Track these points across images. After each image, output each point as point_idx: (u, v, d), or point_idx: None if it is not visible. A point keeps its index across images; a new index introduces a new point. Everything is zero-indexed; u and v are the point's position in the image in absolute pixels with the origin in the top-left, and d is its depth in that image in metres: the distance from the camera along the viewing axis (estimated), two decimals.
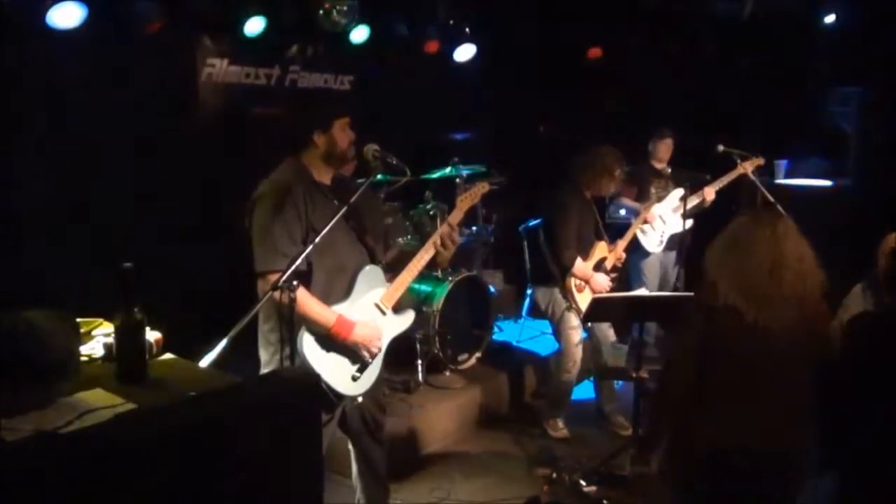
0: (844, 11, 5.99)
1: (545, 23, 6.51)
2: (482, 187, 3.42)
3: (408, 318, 3.15)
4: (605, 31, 6.59)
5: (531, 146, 7.25)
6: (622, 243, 4.80)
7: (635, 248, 5.52)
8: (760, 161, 5.31)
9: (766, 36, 6.21)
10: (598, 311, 4.04)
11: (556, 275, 4.55)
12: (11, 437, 1.69)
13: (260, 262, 2.79)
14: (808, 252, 2.51)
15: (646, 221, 5.37)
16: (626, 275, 5.39)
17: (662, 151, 5.80)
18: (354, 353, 2.91)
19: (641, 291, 4.81)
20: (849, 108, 6.41)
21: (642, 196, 5.64)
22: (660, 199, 5.63)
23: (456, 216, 3.24)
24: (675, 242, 5.68)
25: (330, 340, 2.83)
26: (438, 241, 3.12)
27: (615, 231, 5.11)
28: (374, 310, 3.00)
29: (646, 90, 6.66)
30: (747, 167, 5.17)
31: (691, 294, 4.22)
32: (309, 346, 2.80)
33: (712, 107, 6.26)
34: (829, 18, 6.03)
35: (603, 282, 4.57)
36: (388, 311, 3.05)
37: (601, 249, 4.69)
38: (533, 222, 5.66)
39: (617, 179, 4.61)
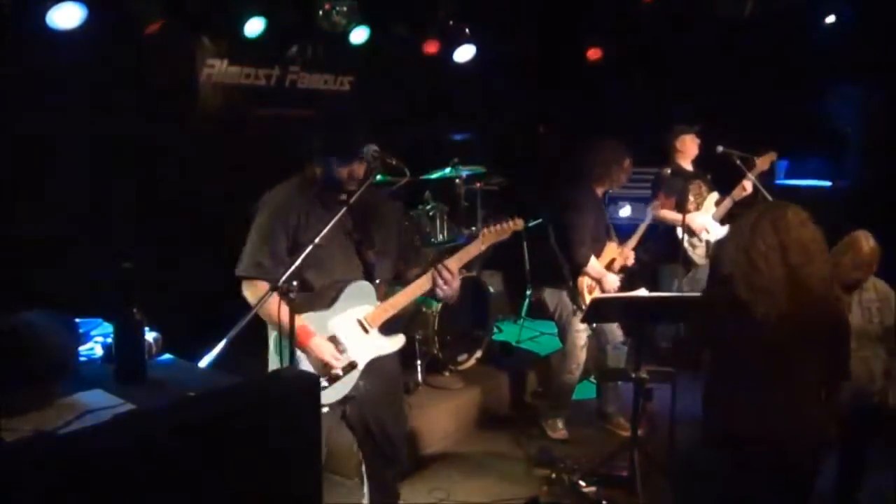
0: (844, 11, 5.99)
1: (545, 22, 6.50)
2: (515, 225, 3.24)
3: (396, 342, 3.06)
4: (605, 31, 6.58)
5: (531, 146, 7.24)
6: (631, 244, 4.76)
7: (673, 259, 5.29)
8: (773, 156, 5.30)
9: (766, 35, 6.21)
10: (598, 311, 4.03)
11: (566, 275, 4.51)
12: (11, 437, 1.69)
13: (239, 265, 2.93)
14: (812, 237, 2.58)
15: (692, 232, 5.10)
16: (645, 279, 5.20)
17: (692, 147, 5.27)
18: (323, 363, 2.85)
19: (641, 291, 4.79)
20: (848, 107, 6.42)
21: (681, 207, 5.05)
22: (698, 207, 5.35)
23: (456, 263, 3.04)
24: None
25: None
26: (438, 278, 2.99)
27: (616, 232, 5.07)
28: (355, 325, 2.95)
29: (644, 90, 6.65)
30: (766, 162, 5.19)
31: (690, 294, 4.25)
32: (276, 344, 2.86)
33: (711, 107, 6.25)
34: (829, 18, 6.02)
35: (614, 282, 4.57)
36: (373, 330, 2.98)
37: (611, 250, 4.68)
38: (533, 222, 5.64)
39: (627, 169, 4.57)
